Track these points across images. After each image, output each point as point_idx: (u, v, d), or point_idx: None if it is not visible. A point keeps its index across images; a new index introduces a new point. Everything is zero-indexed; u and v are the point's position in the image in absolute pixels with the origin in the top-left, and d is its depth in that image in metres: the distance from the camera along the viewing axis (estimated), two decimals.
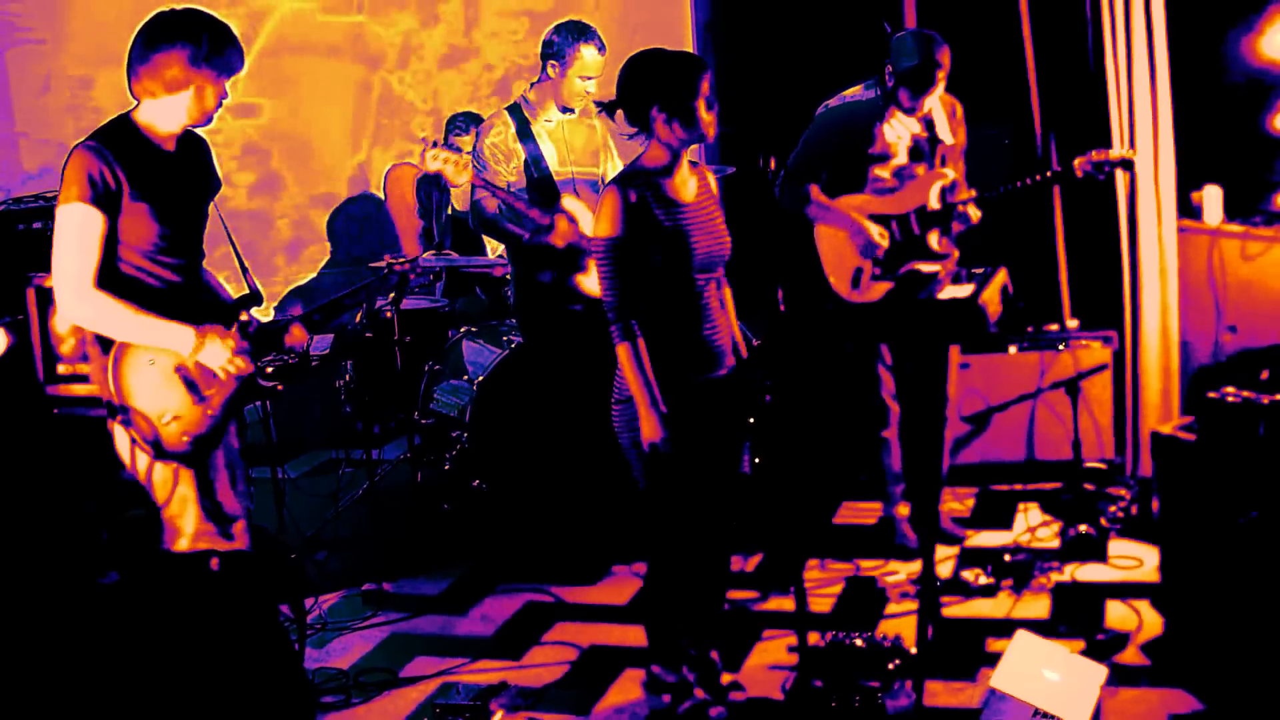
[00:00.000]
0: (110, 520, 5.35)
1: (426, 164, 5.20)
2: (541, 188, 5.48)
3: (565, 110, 5.56)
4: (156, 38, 3.81)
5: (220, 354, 3.88)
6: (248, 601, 3.59)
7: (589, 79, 5.45)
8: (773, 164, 4.25)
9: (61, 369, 5.43)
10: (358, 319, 6.39)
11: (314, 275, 8.44)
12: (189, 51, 3.80)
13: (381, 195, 8.55)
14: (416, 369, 6.23)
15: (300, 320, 4.24)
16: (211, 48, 3.82)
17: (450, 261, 6.53)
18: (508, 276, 5.94)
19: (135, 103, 3.90)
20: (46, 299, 5.40)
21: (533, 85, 5.58)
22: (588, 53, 5.42)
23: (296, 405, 7.10)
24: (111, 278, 3.82)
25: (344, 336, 6.45)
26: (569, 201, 5.45)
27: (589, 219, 5.36)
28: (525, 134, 5.49)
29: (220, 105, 3.93)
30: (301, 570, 5.11)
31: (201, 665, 3.48)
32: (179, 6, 3.90)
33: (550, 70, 5.47)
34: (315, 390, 7.44)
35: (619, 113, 4.07)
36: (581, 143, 5.62)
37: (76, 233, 3.76)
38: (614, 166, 5.66)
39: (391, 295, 6.09)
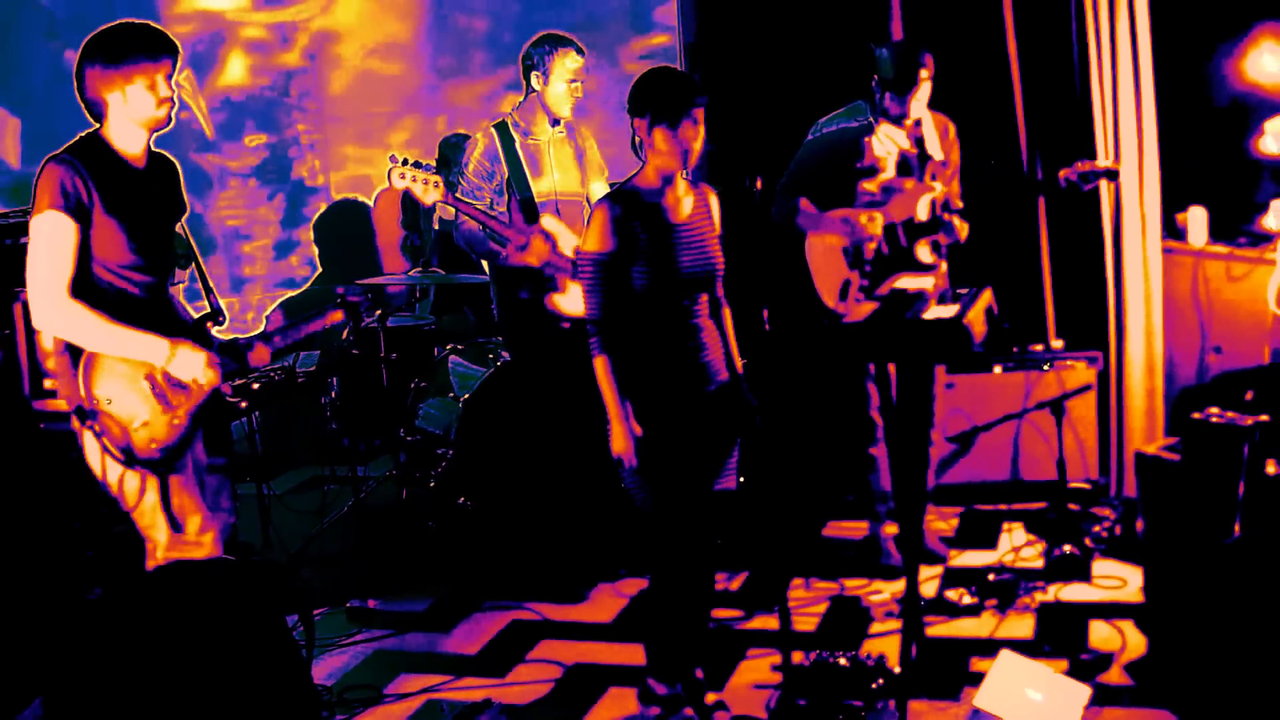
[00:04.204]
0: (95, 537, 5.33)
1: (393, 182, 5.22)
2: (523, 208, 5.47)
3: (554, 123, 5.56)
4: (79, 60, 3.88)
5: (193, 365, 3.91)
6: (255, 610, 3.59)
7: (574, 81, 5.46)
8: (759, 184, 4.27)
9: (48, 384, 5.41)
10: (344, 335, 6.38)
11: (301, 291, 8.44)
12: (98, 65, 3.85)
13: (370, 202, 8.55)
14: (403, 386, 6.23)
15: (261, 339, 4.25)
16: (112, 54, 3.85)
17: (435, 278, 6.51)
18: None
19: (101, 121, 3.92)
20: None
21: (518, 106, 5.57)
22: (567, 58, 5.43)
23: (282, 421, 7.10)
24: (85, 288, 3.84)
25: (330, 353, 6.45)
26: (548, 221, 5.44)
27: (568, 239, 5.36)
28: (509, 153, 5.48)
29: (164, 100, 3.91)
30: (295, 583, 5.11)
31: (208, 675, 3.48)
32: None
33: (535, 82, 5.48)
34: (301, 407, 7.43)
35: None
36: (566, 163, 5.61)
37: (49, 241, 3.78)
38: (599, 188, 5.66)
39: (378, 312, 6.08)
